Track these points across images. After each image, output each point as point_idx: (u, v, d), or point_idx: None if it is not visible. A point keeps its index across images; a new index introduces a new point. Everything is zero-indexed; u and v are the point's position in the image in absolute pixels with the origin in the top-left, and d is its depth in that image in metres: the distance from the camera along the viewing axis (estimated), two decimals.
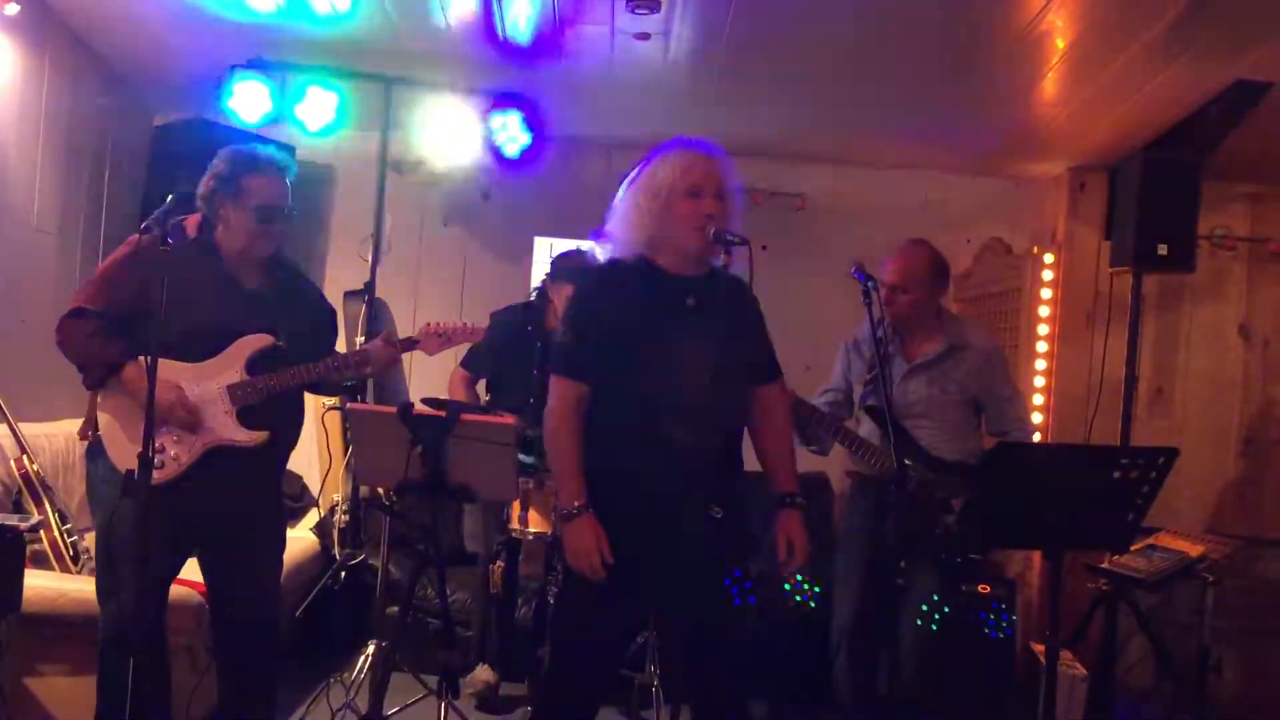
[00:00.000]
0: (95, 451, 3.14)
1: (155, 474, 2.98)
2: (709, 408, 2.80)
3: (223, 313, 3.14)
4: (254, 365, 3.15)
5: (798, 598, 4.52)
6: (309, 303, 3.42)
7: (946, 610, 3.70)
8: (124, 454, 2.99)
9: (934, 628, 3.64)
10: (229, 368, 3.13)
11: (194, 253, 3.11)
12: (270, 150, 3.26)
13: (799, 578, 4.49)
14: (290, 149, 5.14)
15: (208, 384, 3.11)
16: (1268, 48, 3.89)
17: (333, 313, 3.54)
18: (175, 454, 3.08)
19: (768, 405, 3.04)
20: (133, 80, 5.07)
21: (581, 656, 2.90)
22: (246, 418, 3.13)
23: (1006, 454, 3.08)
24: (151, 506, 2.93)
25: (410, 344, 3.43)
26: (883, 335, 3.79)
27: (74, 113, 4.65)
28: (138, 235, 2.98)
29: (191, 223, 3.18)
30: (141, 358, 3.03)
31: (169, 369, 3.01)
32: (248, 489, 3.20)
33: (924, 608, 3.62)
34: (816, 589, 4.47)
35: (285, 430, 3.28)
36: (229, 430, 3.12)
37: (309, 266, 5.53)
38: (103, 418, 3.11)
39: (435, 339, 3.45)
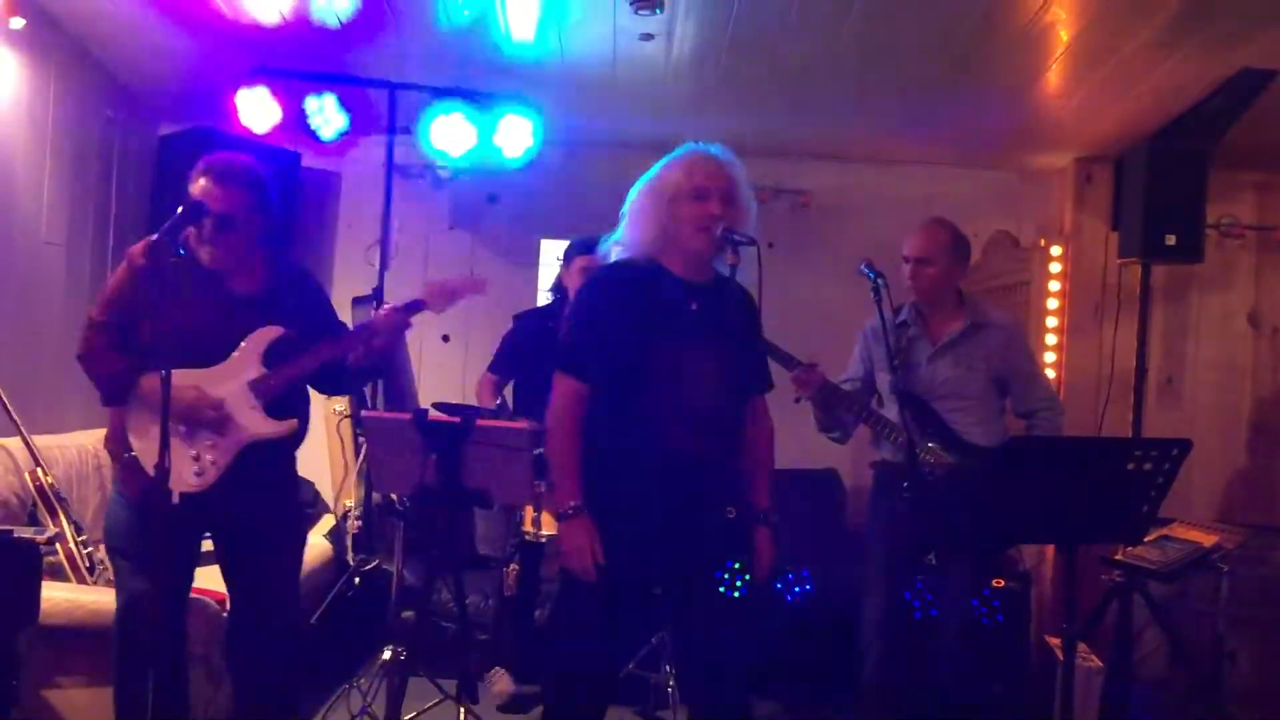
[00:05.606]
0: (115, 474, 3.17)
1: (197, 481, 3.05)
2: (709, 412, 2.82)
3: (215, 319, 3.13)
4: (270, 358, 3.16)
5: (792, 590, 4.52)
6: (309, 296, 3.37)
7: (983, 609, 3.70)
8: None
9: (971, 627, 3.65)
10: (246, 365, 3.14)
11: (182, 263, 3.07)
12: (222, 155, 3.19)
13: (788, 571, 4.49)
14: (296, 156, 5.18)
15: (229, 384, 3.11)
16: (1273, 35, 3.87)
17: (330, 306, 3.49)
18: (213, 459, 3.09)
19: (755, 416, 3.04)
20: (138, 91, 5.08)
21: (582, 657, 2.91)
22: (271, 411, 3.15)
23: (1019, 449, 3.08)
24: (159, 516, 2.95)
25: (416, 306, 3.38)
26: (905, 319, 3.84)
27: (80, 125, 4.66)
28: (140, 246, 3.04)
29: (192, 234, 3.17)
30: (164, 371, 3.05)
31: (183, 376, 3.00)
32: (270, 487, 3.21)
33: (962, 609, 3.62)
34: (808, 586, 4.47)
35: (303, 419, 3.29)
36: (260, 425, 3.13)
37: (317, 273, 5.48)
38: (134, 440, 3.09)
39: (441, 296, 3.40)
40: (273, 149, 4.89)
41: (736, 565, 2.82)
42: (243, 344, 3.14)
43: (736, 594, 2.80)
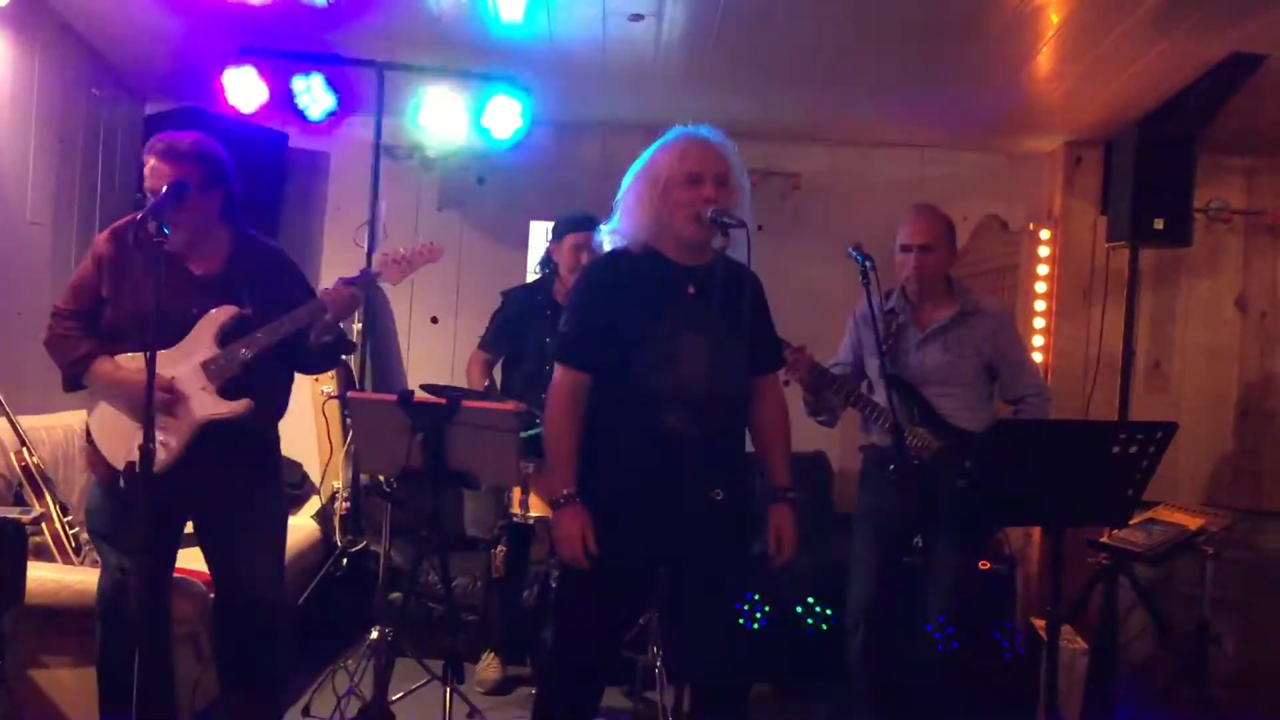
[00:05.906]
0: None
1: None
2: (707, 397, 2.81)
3: (174, 301, 3.05)
4: (225, 338, 3.12)
5: (809, 620, 4.53)
6: (276, 275, 3.29)
7: (969, 587, 3.72)
8: (115, 451, 3.01)
9: (958, 606, 3.66)
10: (199, 346, 3.11)
11: (143, 246, 3.00)
12: (168, 134, 3.12)
13: (810, 600, 4.51)
14: (283, 136, 5.15)
15: (180, 366, 3.08)
16: (1263, 19, 3.87)
17: (303, 279, 3.41)
18: (164, 440, 3.03)
19: (767, 395, 3.04)
20: (124, 70, 5.04)
21: (582, 640, 2.92)
22: (229, 392, 3.11)
23: (1006, 431, 3.09)
24: (143, 497, 2.93)
25: (368, 276, 3.35)
26: (894, 306, 3.84)
27: (65, 104, 4.63)
28: (104, 233, 3.08)
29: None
30: (117, 356, 3.06)
31: (137, 359, 2.98)
32: (243, 467, 3.19)
33: (948, 586, 3.64)
34: (829, 611, 4.49)
35: (269, 398, 3.24)
36: (211, 406, 3.09)
37: (305, 254, 5.52)
38: (92, 423, 3.12)
39: (394, 266, 3.36)
40: (260, 129, 4.87)
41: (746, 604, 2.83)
42: (196, 326, 3.12)
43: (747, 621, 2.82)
